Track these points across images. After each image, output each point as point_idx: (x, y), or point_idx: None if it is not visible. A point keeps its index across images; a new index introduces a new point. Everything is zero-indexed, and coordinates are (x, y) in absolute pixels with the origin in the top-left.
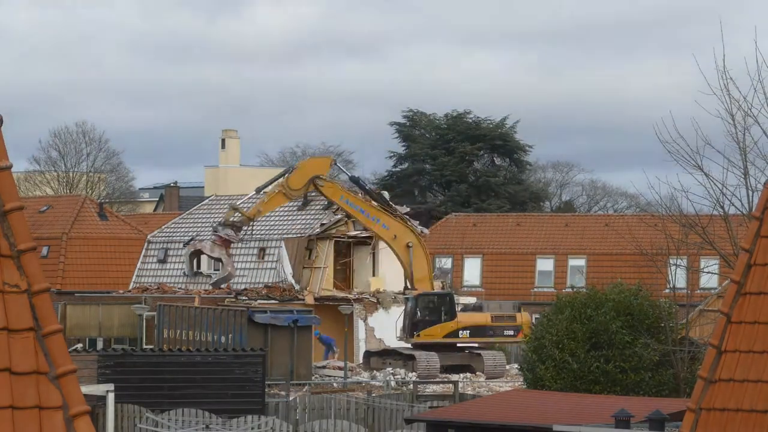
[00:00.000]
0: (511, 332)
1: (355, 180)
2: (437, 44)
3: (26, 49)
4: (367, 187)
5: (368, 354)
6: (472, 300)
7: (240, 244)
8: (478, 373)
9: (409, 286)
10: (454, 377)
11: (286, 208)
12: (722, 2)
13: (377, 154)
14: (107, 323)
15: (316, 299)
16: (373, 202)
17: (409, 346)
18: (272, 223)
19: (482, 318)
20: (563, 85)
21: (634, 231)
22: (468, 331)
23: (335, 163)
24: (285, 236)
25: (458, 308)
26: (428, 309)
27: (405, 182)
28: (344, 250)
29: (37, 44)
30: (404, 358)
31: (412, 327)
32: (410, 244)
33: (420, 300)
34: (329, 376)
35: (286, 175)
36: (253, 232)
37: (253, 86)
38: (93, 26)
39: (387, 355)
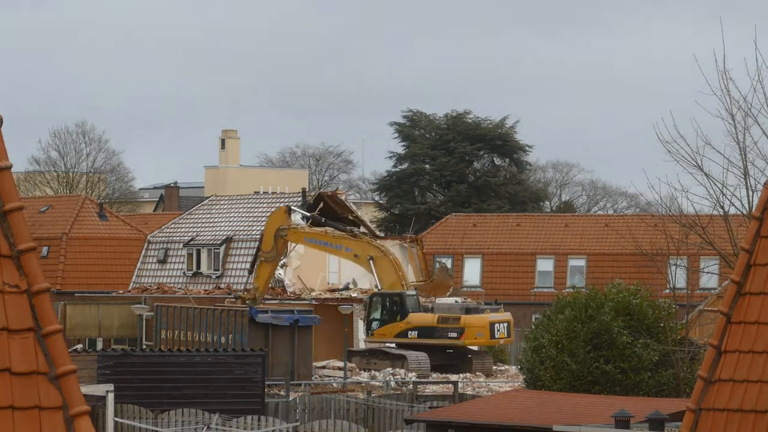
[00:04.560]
0: (455, 334)
1: (314, 218)
2: None
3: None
4: (323, 221)
5: (350, 353)
6: (451, 300)
7: (240, 244)
8: (477, 372)
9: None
10: (453, 377)
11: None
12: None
13: (377, 154)
14: (107, 323)
15: (316, 299)
16: (334, 231)
17: (393, 345)
18: None
19: (430, 319)
20: None
21: (634, 231)
22: (416, 332)
23: (289, 210)
24: None
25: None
26: (383, 309)
27: (405, 182)
28: None
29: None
30: (392, 358)
31: (368, 326)
32: (370, 258)
33: (373, 300)
34: (329, 376)
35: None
36: (253, 233)
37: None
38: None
39: (372, 355)
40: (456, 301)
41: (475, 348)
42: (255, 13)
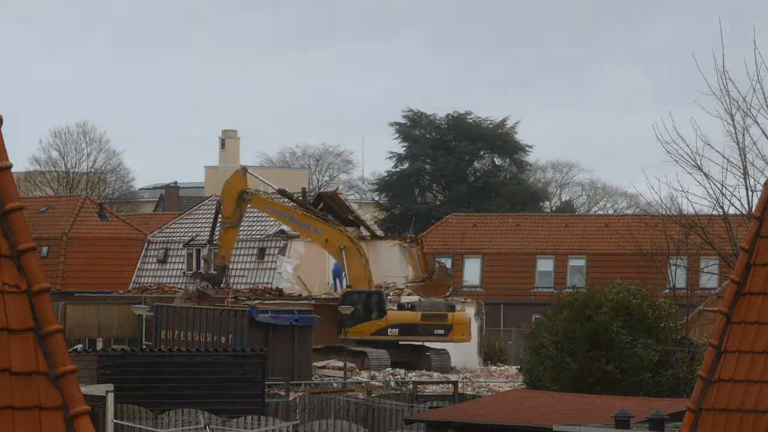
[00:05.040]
0: (442, 331)
1: (281, 191)
2: None
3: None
4: (294, 197)
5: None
6: (414, 299)
7: (240, 244)
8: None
9: (350, 287)
10: (453, 377)
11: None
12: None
13: (377, 154)
14: (107, 323)
15: (316, 299)
16: (302, 209)
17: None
18: (272, 222)
19: (412, 316)
20: None
21: (634, 231)
22: (397, 329)
23: (246, 171)
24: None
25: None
26: (357, 307)
27: (405, 182)
28: None
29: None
30: (352, 355)
31: (340, 324)
32: (342, 247)
33: (348, 298)
34: (329, 376)
35: (220, 210)
36: (252, 233)
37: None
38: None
39: (332, 351)
40: (419, 300)
41: (433, 345)
42: (253, 8)
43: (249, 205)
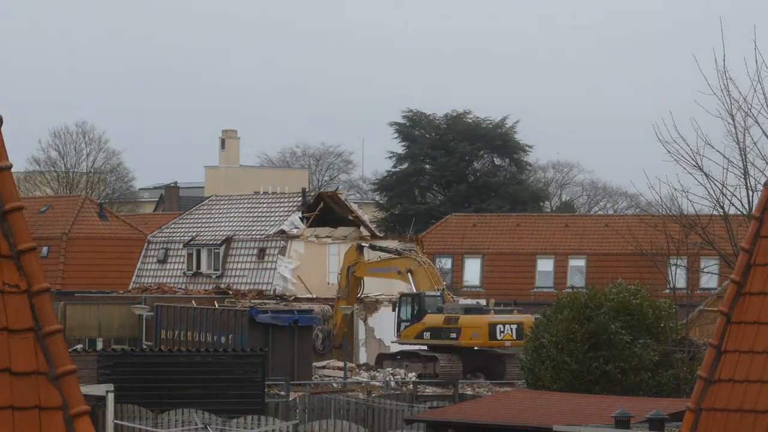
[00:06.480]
0: (454, 335)
1: (373, 246)
2: None
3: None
4: (377, 247)
5: (381, 357)
6: (472, 301)
7: (240, 244)
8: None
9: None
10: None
11: (287, 208)
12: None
13: (377, 154)
14: (107, 323)
15: (316, 299)
16: (383, 255)
17: (425, 348)
18: (272, 222)
19: (439, 320)
20: None
21: (634, 231)
22: (429, 333)
23: (360, 248)
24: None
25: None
26: (408, 310)
27: (405, 182)
28: None
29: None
30: (423, 360)
31: (398, 327)
32: (408, 270)
33: (401, 301)
34: (329, 376)
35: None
36: (252, 233)
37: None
38: None
39: (404, 357)
40: (476, 302)
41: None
42: (253, 6)
43: (356, 276)
